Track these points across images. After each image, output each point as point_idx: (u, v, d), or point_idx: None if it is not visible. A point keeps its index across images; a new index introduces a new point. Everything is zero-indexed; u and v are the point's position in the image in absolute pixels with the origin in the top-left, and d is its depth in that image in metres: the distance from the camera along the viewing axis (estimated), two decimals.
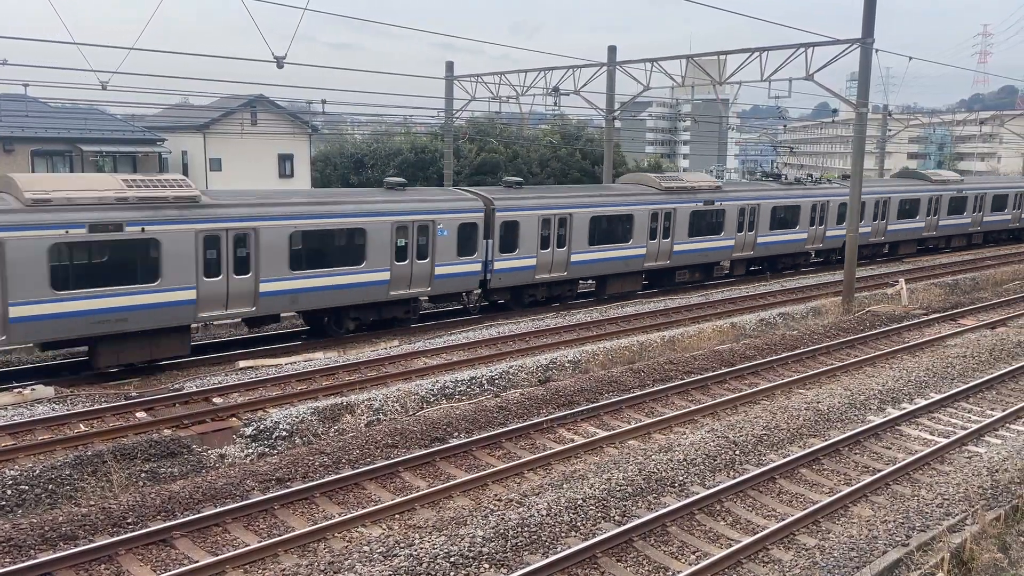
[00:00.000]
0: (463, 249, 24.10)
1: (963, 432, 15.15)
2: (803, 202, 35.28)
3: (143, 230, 18.10)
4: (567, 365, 19.69)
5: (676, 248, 30.31)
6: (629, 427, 15.28)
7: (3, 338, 16.84)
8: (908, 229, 41.47)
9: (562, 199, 27.20)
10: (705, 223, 31.18)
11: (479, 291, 25.86)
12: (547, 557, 10.41)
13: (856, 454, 14.39)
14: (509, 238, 25.27)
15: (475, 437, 14.57)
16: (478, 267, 24.65)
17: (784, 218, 34.55)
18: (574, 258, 27.06)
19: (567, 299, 28.38)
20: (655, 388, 17.63)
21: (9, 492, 12.12)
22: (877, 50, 25.95)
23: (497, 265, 25.08)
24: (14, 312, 16.74)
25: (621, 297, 29.55)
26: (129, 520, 11.37)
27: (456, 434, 14.91)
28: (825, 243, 36.97)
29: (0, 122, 41.78)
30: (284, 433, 14.97)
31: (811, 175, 40.95)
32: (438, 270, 23.53)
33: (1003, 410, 16.66)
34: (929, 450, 14.19)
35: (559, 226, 26.47)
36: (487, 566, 10.19)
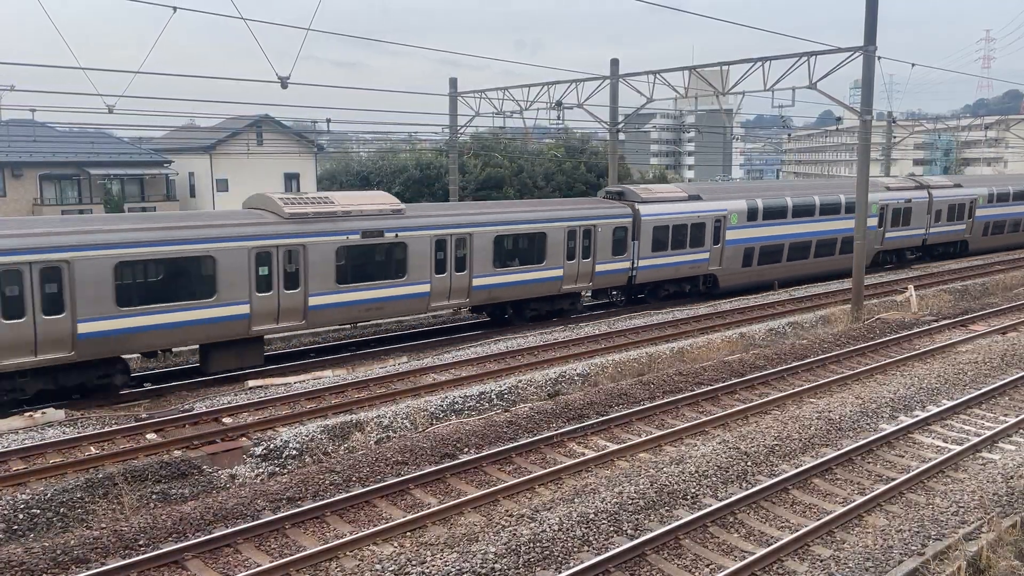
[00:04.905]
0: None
1: (977, 439, 15.02)
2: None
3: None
4: (576, 378, 19.65)
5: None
6: (640, 440, 15.21)
7: None
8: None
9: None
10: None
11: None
12: (560, 572, 10.37)
13: (869, 463, 14.30)
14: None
15: (485, 453, 14.54)
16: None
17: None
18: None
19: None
20: (665, 400, 17.57)
21: (21, 516, 12.16)
22: (880, 57, 25.97)
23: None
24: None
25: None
26: (140, 542, 11.38)
27: (466, 450, 14.88)
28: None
29: (8, 147, 42.18)
30: (294, 452, 14.97)
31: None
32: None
33: (1016, 416, 16.53)
34: (943, 457, 14.08)
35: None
36: None
